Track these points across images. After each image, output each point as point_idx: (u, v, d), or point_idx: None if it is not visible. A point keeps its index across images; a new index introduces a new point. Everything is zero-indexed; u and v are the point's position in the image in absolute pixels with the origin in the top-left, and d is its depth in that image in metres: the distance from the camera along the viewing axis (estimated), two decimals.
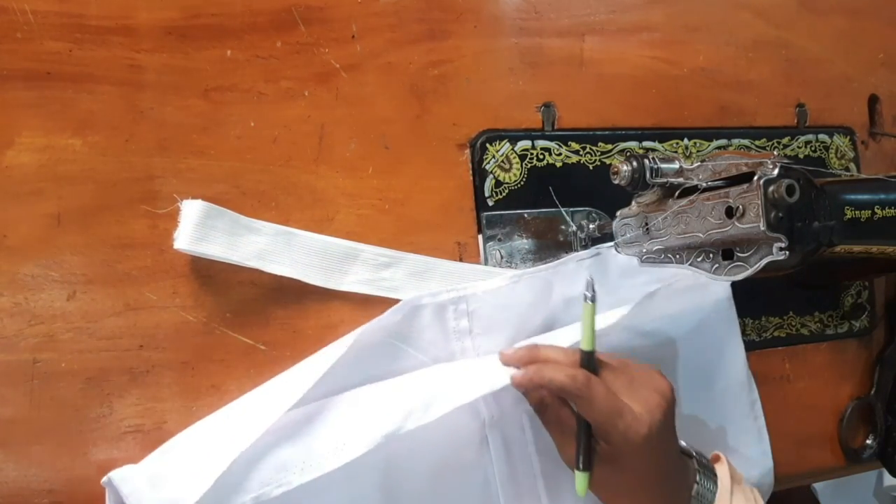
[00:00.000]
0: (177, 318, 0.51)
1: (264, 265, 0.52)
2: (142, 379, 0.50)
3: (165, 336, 0.51)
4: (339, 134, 0.57)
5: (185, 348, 0.51)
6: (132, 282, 0.51)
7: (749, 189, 0.49)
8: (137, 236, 0.51)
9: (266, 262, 0.52)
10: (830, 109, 0.75)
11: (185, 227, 0.50)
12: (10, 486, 0.47)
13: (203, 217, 0.50)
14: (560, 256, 0.61)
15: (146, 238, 0.51)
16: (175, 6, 0.53)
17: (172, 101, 0.53)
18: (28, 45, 0.49)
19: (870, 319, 0.75)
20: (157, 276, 0.51)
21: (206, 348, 0.52)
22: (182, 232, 0.50)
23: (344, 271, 0.54)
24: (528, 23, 0.64)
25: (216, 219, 0.51)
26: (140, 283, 0.51)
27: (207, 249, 0.50)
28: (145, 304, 0.51)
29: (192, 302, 0.52)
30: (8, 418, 0.47)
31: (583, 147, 0.64)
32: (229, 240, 0.51)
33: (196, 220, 0.50)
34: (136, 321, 0.51)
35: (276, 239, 0.53)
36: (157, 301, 0.51)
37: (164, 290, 0.51)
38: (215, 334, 0.52)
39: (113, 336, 0.50)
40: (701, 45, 0.70)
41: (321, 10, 0.57)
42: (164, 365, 0.51)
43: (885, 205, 0.56)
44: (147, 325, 0.51)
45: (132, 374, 0.50)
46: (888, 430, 0.74)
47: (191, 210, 0.50)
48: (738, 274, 0.51)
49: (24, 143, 0.49)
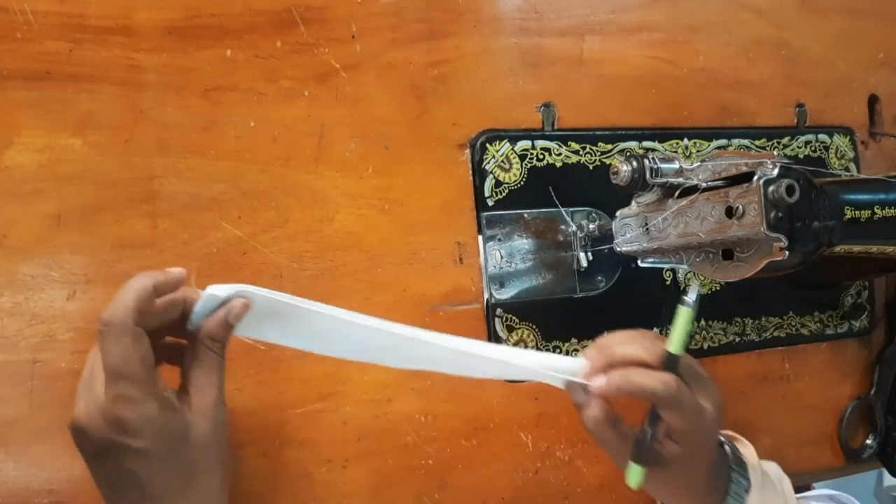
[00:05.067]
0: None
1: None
2: None
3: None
4: (338, 134, 0.57)
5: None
6: None
7: (749, 189, 0.49)
8: (137, 236, 0.51)
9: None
10: (830, 109, 0.75)
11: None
12: (10, 486, 0.47)
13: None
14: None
15: (146, 238, 0.51)
16: (175, 6, 0.53)
17: (172, 101, 0.53)
18: (28, 45, 0.49)
19: (870, 319, 0.75)
20: None
21: None
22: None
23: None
24: (528, 23, 0.64)
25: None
26: None
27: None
28: None
29: None
30: (8, 418, 0.47)
31: (583, 147, 0.64)
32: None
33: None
34: None
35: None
36: None
37: None
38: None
39: None
40: (701, 45, 0.70)
41: (321, 10, 0.57)
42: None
43: (885, 205, 0.56)
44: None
45: None
46: (888, 430, 0.74)
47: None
48: (738, 274, 0.51)
49: (24, 143, 0.49)
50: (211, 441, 0.44)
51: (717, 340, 0.68)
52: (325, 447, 0.55)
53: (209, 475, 0.44)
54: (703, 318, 0.68)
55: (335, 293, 0.56)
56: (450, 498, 0.58)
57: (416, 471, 0.58)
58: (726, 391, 0.68)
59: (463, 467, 0.59)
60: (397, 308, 0.57)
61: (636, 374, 0.48)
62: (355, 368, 0.56)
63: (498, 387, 0.60)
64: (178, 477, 0.43)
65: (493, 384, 0.59)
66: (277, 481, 0.54)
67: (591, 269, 0.63)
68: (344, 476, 0.55)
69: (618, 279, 0.64)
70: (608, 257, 0.64)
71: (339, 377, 0.56)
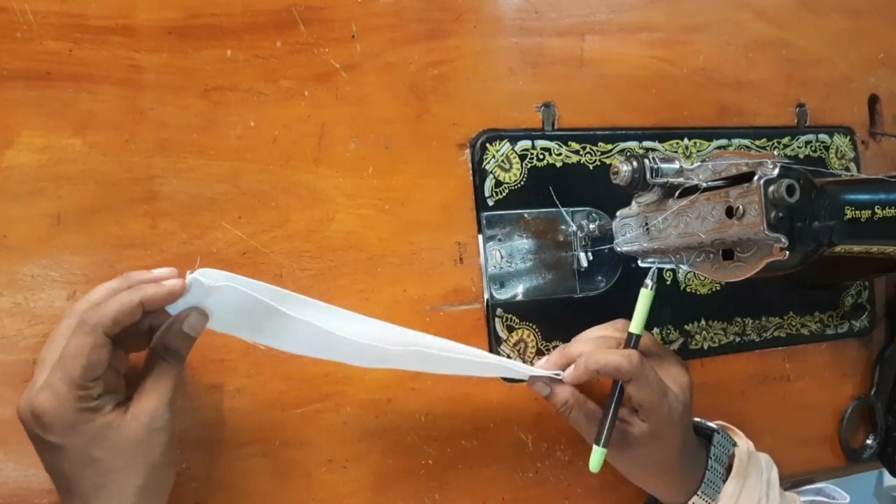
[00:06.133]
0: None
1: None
2: None
3: None
4: (338, 134, 0.57)
5: None
6: None
7: (749, 189, 0.49)
8: (137, 236, 0.51)
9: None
10: (830, 109, 0.75)
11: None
12: (10, 486, 0.47)
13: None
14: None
15: (146, 238, 0.51)
16: (175, 6, 0.53)
17: (172, 101, 0.53)
18: (28, 45, 0.49)
19: (870, 319, 0.75)
20: None
21: (206, 348, 0.52)
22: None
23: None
24: (528, 23, 0.64)
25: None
26: None
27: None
28: None
29: None
30: (8, 418, 0.47)
31: (583, 147, 0.64)
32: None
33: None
34: None
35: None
36: None
37: None
38: (215, 334, 0.52)
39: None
40: (701, 45, 0.70)
41: (321, 10, 0.57)
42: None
43: (885, 205, 0.56)
44: None
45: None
46: (888, 430, 0.74)
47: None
48: (738, 274, 0.51)
49: (24, 143, 0.49)
50: (137, 446, 0.44)
51: (718, 340, 0.68)
52: (325, 447, 0.55)
53: (129, 478, 0.44)
54: (703, 318, 0.68)
55: (335, 293, 0.56)
56: (450, 498, 0.58)
57: (416, 471, 0.58)
58: (726, 391, 0.69)
59: (463, 467, 0.59)
60: (397, 308, 0.57)
61: (600, 352, 0.52)
62: (355, 368, 0.56)
63: (498, 387, 0.60)
64: (92, 475, 0.44)
65: (494, 384, 0.59)
66: (277, 481, 0.54)
67: (591, 269, 0.63)
68: (344, 476, 0.55)
69: (618, 279, 0.64)
70: (608, 257, 0.64)
71: (339, 377, 0.56)
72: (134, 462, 0.44)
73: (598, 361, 0.52)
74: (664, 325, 0.66)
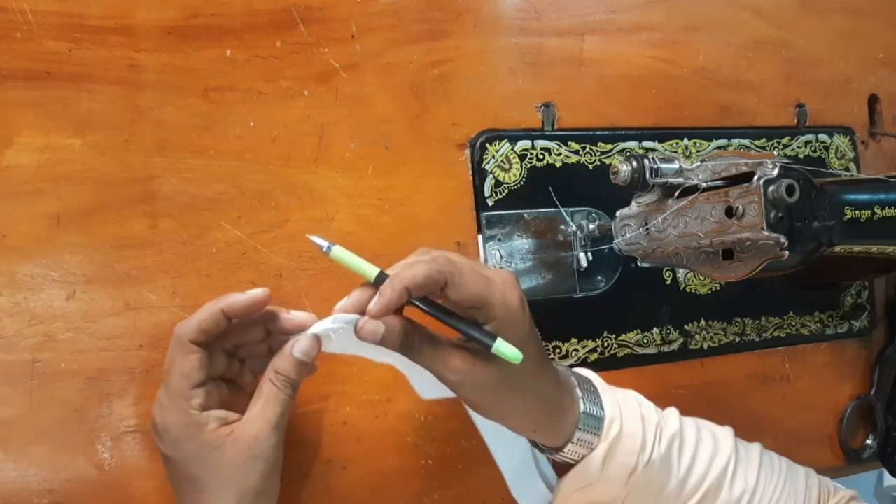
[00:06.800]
0: (177, 318, 0.51)
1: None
2: (141, 379, 0.50)
3: (165, 336, 0.51)
4: (338, 134, 0.57)
5: None
6: (132, 282, 0.51)
7: (749, 189, 0.49)
8: (137, 236, 0.51)
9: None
10: (830, 109, 0.75)
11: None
12: (10, 486, 0.47)
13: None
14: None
15: (146, 238, 0.51)
16: (175, 6, 0.53)
17: (172, 101, 0.53)
18: (28, 44, 0.49)
19: (870, 319, 0.75)
20: (156, 276, 0.51)
21: None
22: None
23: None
24: (528, 23, 0.64)
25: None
26: (140, 283, 0.51)
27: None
28: (145, 304, 0.51)
29: (192, 302, 0.52)
30: (8, 418, 0.47)
31: (583, 147, 0.64)
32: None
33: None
34: (136, 321, 0.51)
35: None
36: (156, 301, 0.51)
37: (164, 290, 0.51)
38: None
39: (112, 336, 0.50)
40: (701, 45, 0.70)
41: (321, 10, 0.57)
42: (163, 365, 0.51)
43: (885, 205, 0.56)
44: (147, 325, 0.51)
45: (132, 374, 0.50)
46: (888, 430, 0.74)
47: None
48: (738, 274, 0.51)
49: (23, 143, 0.49)
50: (234, 470, 0.44)
51: (717, 340, 0.68)
52: (324, 447, 0.55)
53: (219, 500, 0.44)
54: (703, 318, 0.68)
55: (335, 293, 0.55)
56: (450, 498, 0.58)
57: (416, 471, 0.58)
58: (726, 391, 0.69)
59: (463, 467, 0.59)
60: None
61: (403, 269, 0.44)
62: (355, 369, 0.56)
63: None
64: (190, 492, 0.45)
65: None
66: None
67: (591, 269, 0.63)
68: (344, 476, 0.55)
69: (618, 279, 0.64)
70: (608, 257, 0.64)
71: (338, 377, 0.56)
72: (228, 485, 0.44)
73: (404, 277, 0.43)
74: (664, 325, 0.66)
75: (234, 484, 0.44)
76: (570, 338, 0.63)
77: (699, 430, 0.56)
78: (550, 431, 0.50)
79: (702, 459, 0.54)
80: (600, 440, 0.51)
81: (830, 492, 0.59)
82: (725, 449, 0.56)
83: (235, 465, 0.44)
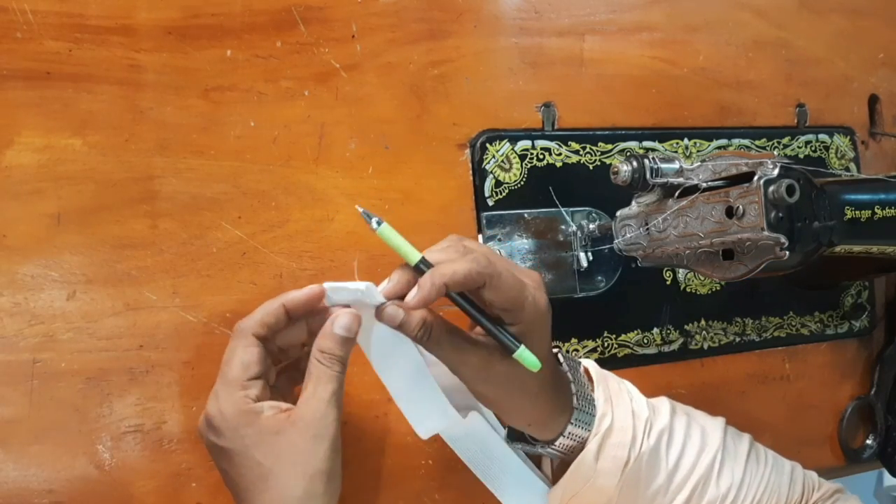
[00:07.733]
0: (177, 318, 0.51)
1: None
2: (142, 379, 0.50)
3: (165, 336, 0.51)
4: (338, 134, 0.57)
5: (185, 348, 0.51)
6: (132, 282, 0.51)
7: (749, 189, 0.49)
8: (137, 236, 0.51)
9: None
10: (830, 109, 0.76)
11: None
12: (10, 486, 0.47)
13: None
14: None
15: (146, 238, 0.51)
16: (175, 6, 0.53)
17: (172, 101, 0.53)
18: (28, 44, 0.49)
19: (870, 319, 0.75)
20: (156, 276, 0.51)
21: (205, 348, 0.52)
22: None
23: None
24: (528, 23, 0.64)
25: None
26: (140, 283, 0.51)
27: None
28: (145, 304, 0.51)
29: (192, 302, 0.52)
30: (8, 418, 0.47)
31: (583, 147, 0.64)
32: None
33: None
34: (136, 321, 0.51)
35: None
36: (157, 301, 0.51)
37: (164, 290, 0.51)
38: (215, 334, 0.52)
39: (113, 336, 0.50)
40: (701, 45, 0.70)
41: (321, 10, 0.57)
42: (163, 365, 0.51)
43: (885, 205, 0.56)
44: (147, 325, 0.51)
45: (132, 374, 0.50)
46: (888, 430, 0.74)
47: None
48: (738, 274, 0.51)
49: (24, 143, 0.49)
50: (298, 454, 0.44)
51: (718, 340, 0.68)
52: None
53: (290, 486, 0.44)
54: (703, 318, 0.68)
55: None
56: (450, 498, 0.58)
57: (416, 471, 0.58)
58: (726, 391, 0.69)
59: (463, 467, 0.58)
60: None
61: (442, 268, 0.44)
62: (355, 368, 0.56)
63: None
64: (255, 479, 0.44)
65: None
66: None
67: (591, 269, 0.63)
68: (344, 476, 0.55)
69: (618, 279, 0.64)
70: (608, 257, 0.64)
71: None
72: (295, 469, 0.44)
73: (444, 274, 0.44)
74: (664, 325, 0.66)
75: (301, 468, 0.44)
76: (571, 338, 0.63)
77: (689, 424, 0.57)
78: (544, 426, 0.52)
79: (689, 454, 0.55)
80: (591, 435, 0.52)
81: (815, 486, 0.60)
82: (713, 443, 0.56)
83: (299, 448, 0.44)
